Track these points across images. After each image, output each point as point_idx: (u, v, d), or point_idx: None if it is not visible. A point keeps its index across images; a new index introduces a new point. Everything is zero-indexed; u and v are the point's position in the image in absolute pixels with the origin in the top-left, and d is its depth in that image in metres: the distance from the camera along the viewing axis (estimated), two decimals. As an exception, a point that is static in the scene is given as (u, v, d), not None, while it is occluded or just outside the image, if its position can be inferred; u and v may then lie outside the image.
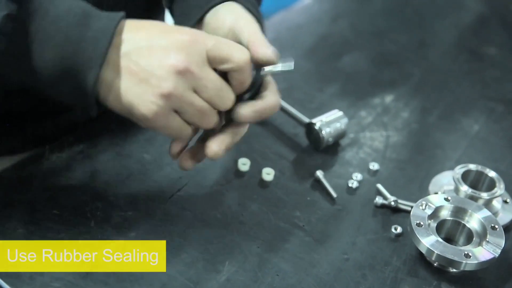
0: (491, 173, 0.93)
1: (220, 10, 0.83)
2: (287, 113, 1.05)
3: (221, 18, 0.82)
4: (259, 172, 0.94)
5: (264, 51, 0.76)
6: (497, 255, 0.81)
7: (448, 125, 1.13)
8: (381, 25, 1.43)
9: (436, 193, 0.93)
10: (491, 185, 0.92)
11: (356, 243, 0.86)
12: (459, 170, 0.93)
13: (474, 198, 0.89)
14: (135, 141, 0.96)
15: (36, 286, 0.74)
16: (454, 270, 0.83)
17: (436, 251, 0.80)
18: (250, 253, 0.82)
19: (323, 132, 0.99)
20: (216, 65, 0.72)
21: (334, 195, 0.93)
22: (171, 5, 0.93)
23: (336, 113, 1.03)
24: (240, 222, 0.86)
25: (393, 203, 0.92)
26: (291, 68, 0.77)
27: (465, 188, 0.90)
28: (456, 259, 0.80)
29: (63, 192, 0.86)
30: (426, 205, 0.86)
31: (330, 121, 1.01)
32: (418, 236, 0.82)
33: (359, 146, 1.05)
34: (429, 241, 0.81)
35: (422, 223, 0.83)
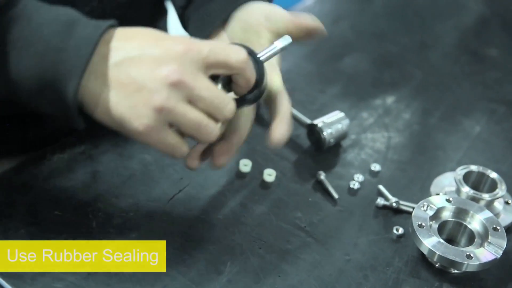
0: (493, 174, 0.93)
1: (249, 7, 0.85)
2: (288, 114, 1.05)
3: (256, 11, 0.84)
4: (261, 173, 0.94)
5: (308, 21, 0.82)
6: (499, 256, 0.81)
7: (450, 126, 1.13)
8: (382, 26, 1.43)
9: (438, 194, 0.93)
10: (492, 186, 0.92)
11: (358, 244, 0.86)
12: (461, 171, 0.93)
13: (475, 199, 0.89)
14: (137, 142, 0.93)
15: (38, 286, 0.74)
16: (456, 271, 0.83)
17: (437, 252, 0.80)
18: (251, 254, 0.82)
19: (325, 133, 0.99)
20: (216, 70, 0.71)
21: (336, 196, 0.93)
22: (184, 11, 0.93)
23: (337, 114, 1.03)
24: (241, 223, 0.86)
25: (394, 204, 0.92)
26: (289, 41, 0.77)
27: (466, 189, 0.90)
28: (458, 260, 0.80)
29: (64, 193, 0.86)
30: (427, 206, 0.86)
31: (332, 122, 1.01)
32: (420, 237, 0.82)
33: (360, 147, 1.05)
34: (430, 242, 0.81)
35: (423, 224, 0.83)
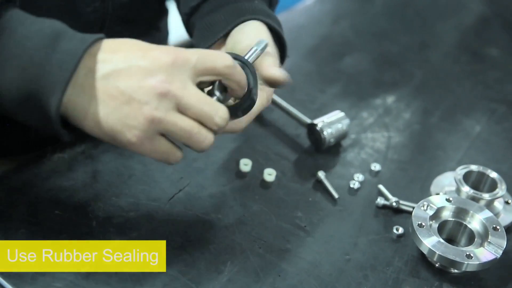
0: (493, 174, 0.93)
1: (246, 26, 0.85)
2: (288, 114, 1.05)
3: (246, 33, 0.84)
4: (261, 173, 0.94)
5: (272, 72, 0.79)
6: (499, 256, 0.81)
7: (450, 126, 1.13)
8: (383, 26, 1.43)
9: (438, 194, 0.93)
10: (492, 186, 0.92)
11: (358, 244, 0.86)
12: (461, 171, 0.93)
13: (475, 199, 0.89)
14: None
15: (38, 286, 0.74)
16: (456, 271, 0.83)
17: (437, 252, 0.80)
18: (251, 253, 0.82)
19: (325, 133, 0.99)
20: (205, 77, 0.71)
21: (336, 195, 0.93)
22: (189, 18, 0.93)
23: (337, 114, 1.03)
24: (241, 222, 0.86)
25: (394, 203, 0.92)
26: (266, 43, 0.80)
27: (466, 189, 0.90)
28: (458, 259, 0.80)
29: (65, 192, 0.86)
30: (427, 206, 0.86)
31: (332, 122, 1.01)
32: (420, 236, 0.82)
33: (360, 147, 1.05)
34: (430, 241, 0.81)
35: (423, 223, 0.83)
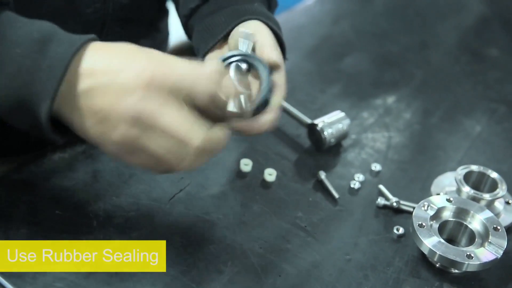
0: (493, 174, 0.93)
1: (246, 25, 0.85)
2: (289, 114, 1.05)
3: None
4: (261, 173, 0.94)
5: (270, 55, 0.81)
6: (499, 256, 0.81)
7: (450, 126, 1.14)
8: (383, 26, 1.43)
9: (438, 194, 0.93)
10: (493, 186, 0.92)
11: (358, 244, 0.86)
12: (461, 171, 0.93)
13: (476, 199, 0.89)
14: None
15: (39, 286, 0.74)
16: (456, 271, 0.83)
17: (438, 252, 0.80)
18: (252, 253, 0.82)
19: (325, 133, 0.99)
20: (185, 98, 0.68)
21: (336, 195, 0.93)
22: (188, 20, 0.93)
23: (338, 114, 1.03)
24: (242, 222, 0.86)
25: (395, 204, 0.92)
26: (250, 32, 0.81)
27: (467, 189, 0.90)
28: (458, 260, 0.80)
29: (65, 192, 0.86)
30: (428, 206, 0.86)
31: (332, 122, 1.01)
32: (420, 237, 0.82)
33: (361, 147, 1.05)
34: (431, 242, 0.82)
35: (424, 224, 0.83)
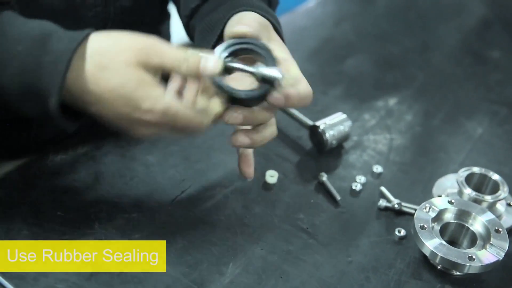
0: (495, 176, 0.93)
1: (241, 15, 0.84)
2: (290, 115, 1.05)
3: (240, 18, 0.83)
4: (263, 175, 0.94)
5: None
6: (501, 258, 0.81)
7: (452, 128, 1.13)
8: (385, 28, 1.43)
9: (440, 196, 0.93)
10: (494, 188, 0.92)
11: (360, 246, 0.86)
12: (463, 173, 0.93)
13: (477, 201, 0.89)
14: (139, 143, 0.96)
15: (40, 287, 0.74)
16: (458, 273, 0.83)
17: (439, 254, 0.80)
18: (253, 255, 0.82)
19: (327, 134, 0.99)
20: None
21: (338, 197, 0.93)
22: (189, 21, 0.93)
23: (339, 116, 1.03)
24: (243, 224, 0.86)
25: (396, 205, 0.92)
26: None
27: (468, 191, 0.90)
28: (460, 262, 0.80)
29: (67, 193, 0.86)
30: (429, 208, 0.86)
31: (334, 124, 1.01)
32: (422, 238, 0.82)
33: (362, 149, 1.05)
34: (432, 243, 0.81)
35: (425, 226, 0.83)
